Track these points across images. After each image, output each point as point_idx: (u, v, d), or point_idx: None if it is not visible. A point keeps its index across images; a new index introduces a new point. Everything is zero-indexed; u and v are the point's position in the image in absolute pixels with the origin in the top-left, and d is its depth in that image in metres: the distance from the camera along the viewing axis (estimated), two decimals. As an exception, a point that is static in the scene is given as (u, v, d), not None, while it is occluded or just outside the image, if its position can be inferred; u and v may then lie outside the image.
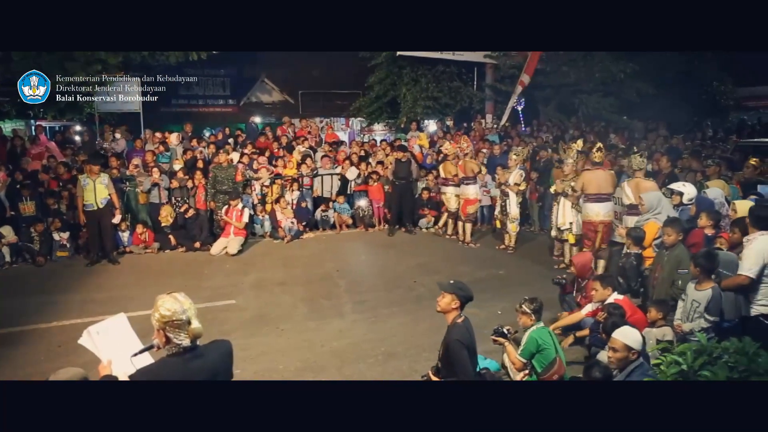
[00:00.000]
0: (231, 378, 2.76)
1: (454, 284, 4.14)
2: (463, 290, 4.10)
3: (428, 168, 11.81)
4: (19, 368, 5.43)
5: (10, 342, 6.13)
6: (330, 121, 20.01)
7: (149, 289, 7.53)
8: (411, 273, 8.48)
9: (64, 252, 9.24)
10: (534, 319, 4.74)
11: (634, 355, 3.67)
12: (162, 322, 2.48)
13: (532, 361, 4.65)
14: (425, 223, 11.16)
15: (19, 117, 16.02)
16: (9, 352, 5.86)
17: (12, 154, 10.83)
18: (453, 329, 4.06)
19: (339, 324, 6.61)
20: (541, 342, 4.60)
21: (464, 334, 4.00)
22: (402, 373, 5.31)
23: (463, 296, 4.08)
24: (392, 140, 13.46)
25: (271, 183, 10.68)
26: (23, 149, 11.08)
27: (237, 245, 9.47)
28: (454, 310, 4.09)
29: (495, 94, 15.87)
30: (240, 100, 21.24)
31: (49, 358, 5.63)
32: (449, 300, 4.08)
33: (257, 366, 5.46)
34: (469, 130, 14.44)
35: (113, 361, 2.89)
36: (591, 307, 5.60)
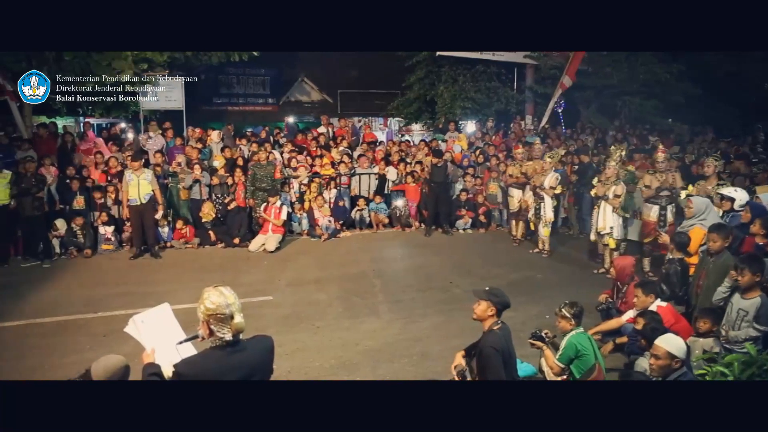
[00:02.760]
0: (271, 373, 2.80)
1: (489, 291, 4.06)
2: (498, 297, 4.02)
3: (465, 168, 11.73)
4: (66, 356, 5.64)
5: (59, 330, 6.37)
6: (368, 120, 20.08)
7: (189, 284, 7.70)
8: (447, 274, 8.45)
9: (109, 245, 9.52)
10: (574, 323, 4.66)
11: (678, 364, 3.56)
12: (206, 315, 2.53)
13: (570, 366, 4.57)
14: (462, 224, 11.10)
15: (69, 114, 16.64)
16: (57, 341, 6.10)
17: (62, 150, 11.20)
18: (488, 336, 3.99)
19: (374, 323, 6.64)
20: (581, 347, 4.51)
21: (499, 341, 3.92)
22: (436, 374, 5.29)
23: (498, 303, 4.00)
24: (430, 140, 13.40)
25: (309, 181, 10.79)
26: (73, 145, 11.44)
27: (275, 242, 9.59)
28: (490, 317, 4.01)
29: (534, 95, 15.66)
30: (279, 99, 21.48)
31: (93, 347, 5.82)
32: (485, 307, 4.01)
33: (292, 362, 5.52)
34: (507, 132, 14.29)
35: (156, 349, 2.97)
36: (632, 313, 5.47)
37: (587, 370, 4.50)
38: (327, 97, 21.59)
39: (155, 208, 9.22)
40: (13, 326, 6.45)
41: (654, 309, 5.11)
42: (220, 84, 20.79)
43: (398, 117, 18.14)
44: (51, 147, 11.05)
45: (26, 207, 8.80)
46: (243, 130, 15.01)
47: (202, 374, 2.52)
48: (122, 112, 15.51)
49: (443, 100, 15.04)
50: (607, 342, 5.49)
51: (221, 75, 20.47)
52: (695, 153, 11.48)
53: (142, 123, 13.22)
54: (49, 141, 11.28)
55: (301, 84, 21.79)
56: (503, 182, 11.14)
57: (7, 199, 8.67)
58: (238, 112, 20.32)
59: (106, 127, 16.17)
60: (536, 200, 9.41)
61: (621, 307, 5.91)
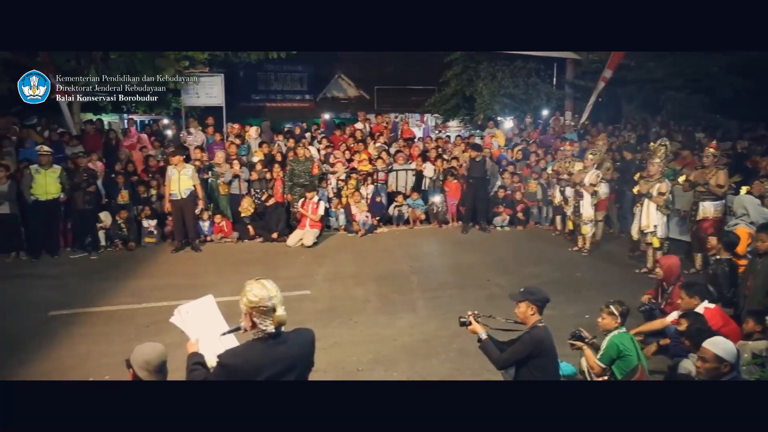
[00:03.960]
0: (312, 365, 2.82)
1: (524, 291, 4.03)
2: (535, 294, 3.98)
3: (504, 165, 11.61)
4: (113, 344, 5.82)
5: (105, 319, 6.59)
6: (404, 116, 20.05)
7: (229, 277, 7.85)
8: (484, 271, 8.39)
9: (151, 238, 9.77)
10: (619, 322, 4.56)
11: (726, 368, 3.43)
12: (249, 307, 2.57)
13: (611, 367, 4.48)
14: (500, 221, 10.99)
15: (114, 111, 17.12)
16: (104, 329, 6.31)
17: (107, 145, 11.54)
18: (530, 329, 3.98)
19: (411, 319, 6.64)
20: (623, 348, 4.42)
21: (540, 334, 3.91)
22: (474, 372, 5.26)
23: (536, 300, 3.96)
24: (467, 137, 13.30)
25: (346, 177, 10.84)
26: (117, 141, 11.78)
27: (312, 237, 9.68)
28: (532, 316, 3.98)
29: (575, 90, 15.36)
30: (316, 95, 21.68)
31: (138, 337, 5.97)
32: (524, 308, 3.98)
33: (330, 357, 5.56)
34: (546, 128, 14.07)
35: (200, 339, 3.03)
36: (676, 314, 5.31)
37: (630, 371, 4.40)
38: (364, 93, 21.66)
39: (195, 202, 9.41)
40: (65, 314, 6.70)
41: (701, 311, 4.95)
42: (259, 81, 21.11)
43: (435, 113, 18.06)
44: (97, 143, 11.40)
45: (78, 201, 9.11)
46: (281, 126, 15.18)
47: (245, 365, 2.56)
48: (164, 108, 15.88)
49: (482, 96, 14.90)
50: (650, 343, 5.36)
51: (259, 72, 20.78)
52: (745, 150, 11.07)
53: (183, 119, 13.51)
54: (96, 137, 11.64)
55: (337, 80, 21.93)
56: (543, 179, 10.99)
57: (57, 193, 8.98)
58: (275, 109, 20.60)
59: (148, 123, 16.60)
60: (576, 197, 9.24)
61: (665, 308, 5.76)
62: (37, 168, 8.93)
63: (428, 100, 17.31)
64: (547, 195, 11.02)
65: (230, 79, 14.03)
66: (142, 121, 17.48)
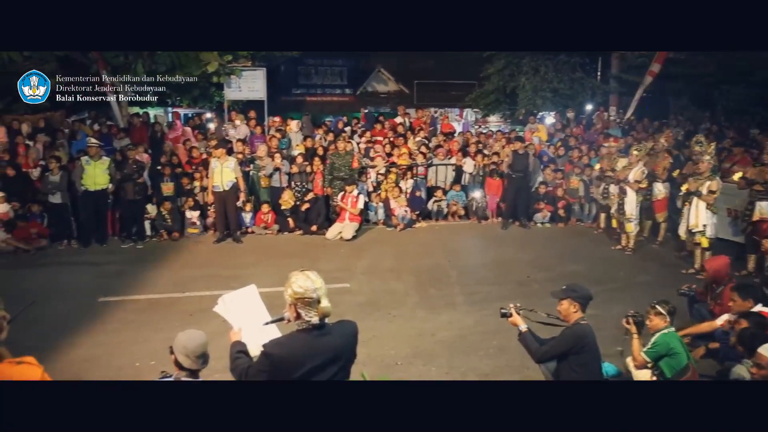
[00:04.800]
0: (354, 357, 2.83)
1: (566, 288, 3.98)
2: (577, 291, 3.93)
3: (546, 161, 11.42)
4: (158, 331, 5.98)
5: (151, 307, 6.78)
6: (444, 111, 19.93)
7: (269, 269, 7.97)
8: (524, 268, 8.28)
9: (194, 229, 9.99)
10: (668, 321, 4.45)
11: (784, 374, 3.31)
12: (294, 298, 2.59)
13: (659, 364, 4.37)
14: (540, 218, 10.82)
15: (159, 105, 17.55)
16: (149, 316, 6.50)
17: (153, 138, 11.84)
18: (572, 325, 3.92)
19: (449, 314, 6.61)
20: (673, 346, 4.31)
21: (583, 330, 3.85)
22: (513, 369, 5.22)
23: (578, 297, 3.91)
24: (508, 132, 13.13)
25: (386, 171, 10.85)
26: (162, 134, 12.06)
27: (352, 231, 9.73)
28: (575, 314, 3.93)
29: (620, 85, 14.96)
30: (356, 89, 21.73)
31: (182, 325, 6.04)
32: (567, 305, 3.93)
33: (368, 349, 5.57)
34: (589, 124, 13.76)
35: (243, 328, 3.07)
36: (726, 317, 5.13)
37: (680, 370, 4.29)
38: (403, 87, 21.62)
39: (237, 194, 9.56)
40: (113, 301, 6.93)
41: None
42: (299, 75, 21.28)
43: (475, 108, 17.87)
44: (143, 136, 11.71)
45: (128, 191, 9.38)
46: (321, 120, 15.29)
47: (289, 355, 2.58)
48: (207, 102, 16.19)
49: (524, 91, 14.66)
50: (699, 347, 5.19)
51: (300, 66, 20.94)
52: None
53: (226, 113, 13.74)
54: (142, 130, 11.96)
55: (377, 74, 21.93)
56: (586, 176, 10.77)
57: (106, 184, 9.26)
58: (315, 103, 20.73)
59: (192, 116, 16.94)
60: (619, 195, 9.01)
61: (714, 309, 5.57)
62: (87, 159, 9.23)
63: (468, 95, 17.14)
64: (589, 192, 10.79)
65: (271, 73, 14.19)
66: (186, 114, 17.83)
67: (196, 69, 12.34)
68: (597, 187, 10.14)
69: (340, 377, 2.72)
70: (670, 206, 9.22)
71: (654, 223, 9.52)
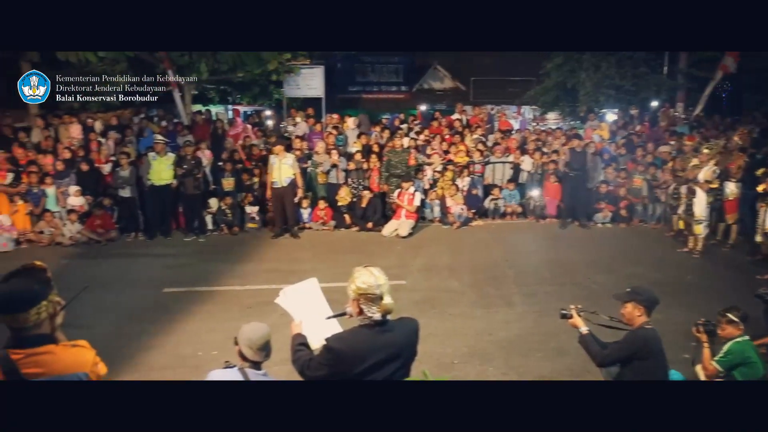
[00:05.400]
0: (415, 355, 2.83)
1: (631, 291, 3.81)
2: (642, 295, 3.77)
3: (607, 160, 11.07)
4: (220, 322, 6.16)
5: (212, 299, 6.99)
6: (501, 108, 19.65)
7: (326, 264, 8.07)
8: (584, 269, 8.07)
9: (254, 224, 10.23)
10: (742, 329, 4.24)
11: None
12: (357, 294, 2.61)
13: (733, 373, 4.17)
14: (601, 218, 10.50)
15: (221, 102, 18.11)
16: (212, 308, 6.70)
17: (215, 135, 12.19)
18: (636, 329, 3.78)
19: (507, 314, 6.52)
20: (749, 354, 4.10)
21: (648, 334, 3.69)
22: (573, 373, 5.09)
23: (643, 300, 3.75)
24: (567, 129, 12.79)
25: (442, 169, 10.79)
26: (223, 131, 12.41)
27: (408, 228, 9.73)
28: (639, 318, 3.77)
29: (688, 80, 14.32)
30: (412, 86, 21.70)
31: (241, 317, 6.27)
32: (631, 309, 3.78)
33: (425, 347, 5.49)
34: (654, 121, 13.25)
35: (303, 321, 3.12)
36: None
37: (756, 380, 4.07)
38: (460, 84, 21.44)
39: (295, 190, 9.73)
40: (176, 292, 7.18)
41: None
42: (356, 72, 21.45)
43: (534, 105, 17.51)
44: (206, 132, 12.07)
45: (188, 186, 9.72)
46: (377, 117, 15.35)
47: (351, 350, 2.60)
48: (267, 99, 16.57)
49: (585, 88, 14.21)
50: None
51: (356, 63, 21.11)
52: None
53: (285, 110, 14.00)
54: (204, 127, 12.33)
55: (433, 71, 21.84)
56: (650, 175, 10.38)
57: (171, 179, 9.62)
58: (372, 100, 20.84)
59: (251, 114, 17.37)
60: (688, 195, 8.64)
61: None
62: (154, 155, 9.62)
63: (527, 92, 16.81)
64: (653, 191, 10.39)
65: (329, 70, 14.35)
66: (245, 111, 18.31)
67: (257, 67, 12.63)
68: (665, 187, 9.75)
69: (400, 374, 2.72)
70: (742, 207, 8.78)
71: (725, 225, 9.07)
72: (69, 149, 10.10)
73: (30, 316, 2.07)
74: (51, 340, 2.16)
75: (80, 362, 2.17)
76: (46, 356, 2.10)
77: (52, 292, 2.16)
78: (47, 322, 2.15)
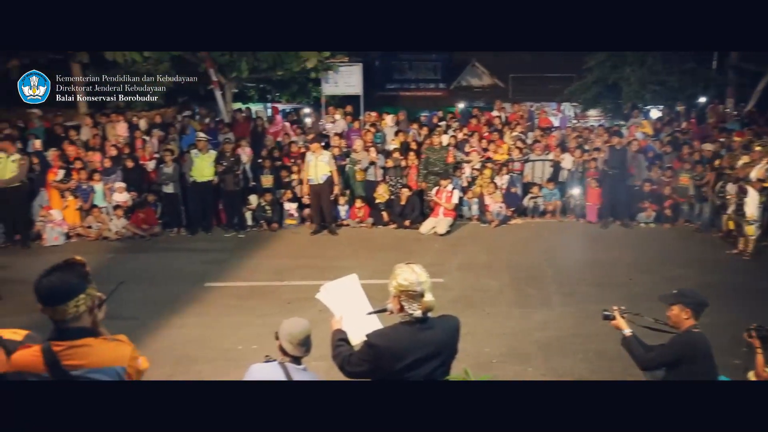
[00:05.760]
0: (455, 353, 2.81)
1: (678, 293, 3.68)
2: (689, 297, 3.63)
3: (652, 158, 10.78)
4: (260, 317, 6.26)
5: (252, 294, 7.11)
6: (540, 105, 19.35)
7: (364, 261, 8.11)
8: (625, 270, 7.89)
9: (292, 220, 10.35)
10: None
11: None
12: (398, 291, 2.61)
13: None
14: (644, 218, 10.23)
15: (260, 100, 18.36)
16: (251, 303, 6.82)
17: (254, 132, 12.37)
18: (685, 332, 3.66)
19: (546, 314, 6.44)
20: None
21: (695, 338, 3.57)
22: (614, 376, 4.98)
23: (690, 303, 3.62)
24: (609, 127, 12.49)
25: (481, 166, 10.69)
26: (263, 128, 12.57)
27: (446, 226, 9.69)
28: (686, 321, 3.65)
29: (739, 75, 13.78)
30: (450, 84, 21.56)
31: (280, 312, 6.35)
32: (677, 311, 3.65)
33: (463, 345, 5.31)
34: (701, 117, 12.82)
35: (344, 317, 3.13)
36: None
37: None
38: (498, 81, 21.20)
39: (332, 187, 9.80)
40: (217, 287, 7.35)
41: None
42: (393, 70, 21.42)
43: (574, 102, 17.16)
44: (246, 130, 12.25)
45: (228, 183, 9.90)
46: (416, 114, 15.32)
47: (392, 347, 2.60)
48: (305, 97, 16.73)
49: (629, 84, 13.83)
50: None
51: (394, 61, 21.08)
52: None
53: (323, 108, 14.10)
54: (245, 124, 12.52)
55: (472, 68, 21.65)
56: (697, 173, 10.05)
57: (212, 176, 9.81)
58: (409, 97, 20.77)
59: (290, 111, 17.57)
60: (738, 194, 8.33)
61: None
62: (196, 152, 9.83)
63: (568, 88, 16.48)
64: (700, 190, 10.06)
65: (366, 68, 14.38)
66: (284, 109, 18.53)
67: (296, 65, 12.76)
68: (709, 186, 9.44)
69: (440, 372, 2.71)
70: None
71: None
72: (116, 147, 10.41)
73: (68, 308, 2.13)
74: (91, 333, 2.21)
75: (117, 356, 2.22)
76: (85, 349, 2.15)
77: (90, 286, 2.21)
78: (87, 316, 2.21)
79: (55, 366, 2.11)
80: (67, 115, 11.70)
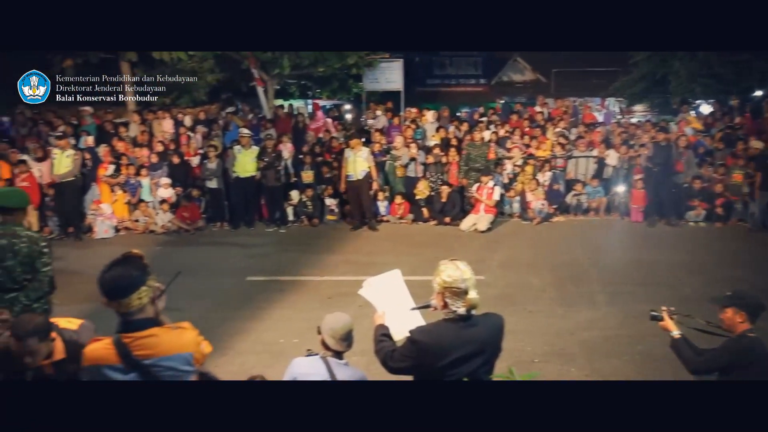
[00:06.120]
0: (499, 352, 2.78)
1: (732, 295, 3.52)
2: (743, 299, 3.46)
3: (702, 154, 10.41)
4: (301, 312, 6.33)
5: (293, 288, 7.19)
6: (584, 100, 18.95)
7: (404, 257, 8.09)
8: (673, 270, 7.64)
9: (333, 216, 10.43)
10: None
11: None
12: (443, 287, 2.59)
13: None
14: (694, 216, 9.90)
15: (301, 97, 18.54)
16: (292, 297, 6.89)
17: (296, 128, 12.50)
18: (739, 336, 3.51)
19: (590, 314, 6.29)
20: None
21: (750, 343, 3.42)
22: (662, 378, 4.82)
23: (746, 306, 3.45)
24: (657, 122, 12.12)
25: (523, 163, 10.54)
26: (304, 125, 12.70)
27: (487, 222, 9.60)
28: (741, 324, 3.49)
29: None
30: (491, 79, 21.34)
31: (321, 307, 6.40)
32: (731, 314, 3.49)
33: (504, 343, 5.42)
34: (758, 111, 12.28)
35: (387, 312, 3.13)
36: None
37: None
38: (541, 76, 20.87)
39: (370, 183, 9.84)
40: (259, 281, 7.45)
41: None
42: (434, 65, 21.34)
43: (620, 97, 16.73)
44: (287, 126, 12.41)
45: (269, 178, 10.04)
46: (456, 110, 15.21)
47: (435, 344, 2.58)
48: (346, 93, 16.81)
49: (679, 78, 13.37)
50: None
51: (435, 57, 20.98)
52: None
53: (364, 104, 14.14)
54: (286, 121, 12.67)
55: (513, 63, 21.38)
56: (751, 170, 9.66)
57: (254, 171, 9.97)
58: (450, 93, 20.67)
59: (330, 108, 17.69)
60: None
61: None
62: (239, 148, 10.01)
63: (613, 83, 16.09)
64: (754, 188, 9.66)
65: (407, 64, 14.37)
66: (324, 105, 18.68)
67: (337, 62, 12.84)
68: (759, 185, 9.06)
69: (483, 370, 2.68)
70: None
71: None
72: (162, 143, 10.69)
73: (132, 301, 2.21)
74: (155, 323, 2.30)
75: (183, 343, 2.31)
76: (152, 339, 2.24)
77: (150, 278, 2.29)
78: (149, 307, 2.29)
79: (127, 357, 2.21)
80: (117, 113, 12.07)
